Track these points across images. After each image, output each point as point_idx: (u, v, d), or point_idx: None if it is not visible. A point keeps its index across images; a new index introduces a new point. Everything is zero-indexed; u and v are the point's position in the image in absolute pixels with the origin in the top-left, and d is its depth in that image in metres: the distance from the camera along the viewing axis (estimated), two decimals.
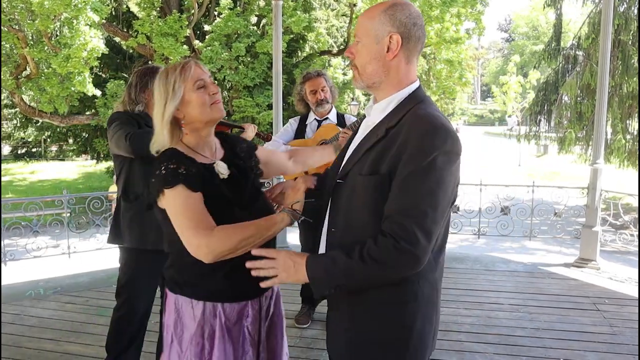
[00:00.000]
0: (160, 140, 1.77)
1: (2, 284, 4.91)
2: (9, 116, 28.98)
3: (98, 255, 5.39)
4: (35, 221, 5.22)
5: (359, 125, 1.69)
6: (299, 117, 3.91)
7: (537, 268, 5.46)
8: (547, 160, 28.65)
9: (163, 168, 1.67)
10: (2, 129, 30.72)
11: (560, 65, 14.62)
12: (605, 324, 4.00)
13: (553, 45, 15.08)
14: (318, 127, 3.76)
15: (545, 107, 15.17)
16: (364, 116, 3.36)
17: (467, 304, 4.43)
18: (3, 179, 24.62)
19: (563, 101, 13.91)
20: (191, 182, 1.66)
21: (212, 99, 1.77)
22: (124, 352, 2.94)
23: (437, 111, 1.51)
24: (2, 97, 16.69)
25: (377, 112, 1.59)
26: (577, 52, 14.22)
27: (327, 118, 3.77)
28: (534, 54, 45.08)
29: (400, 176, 1.42)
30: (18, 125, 28.61)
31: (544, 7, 15.27)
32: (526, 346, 3.64)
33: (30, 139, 29.06)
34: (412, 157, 1.40)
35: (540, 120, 15.62)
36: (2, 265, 4.95)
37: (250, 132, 2.91)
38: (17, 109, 20.28)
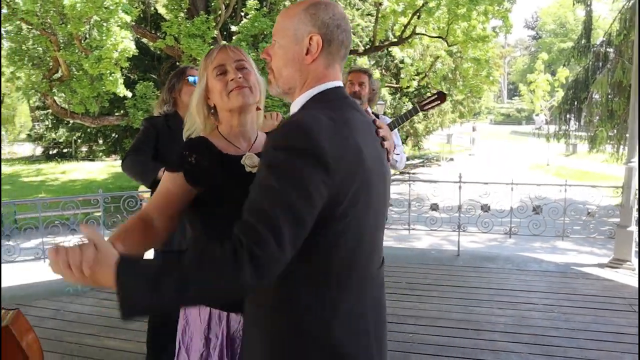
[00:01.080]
0: (196, 126, 1.75)
1: (43, 280, 5.07)
2: (41, 117, 29.67)
3: None
4: (73, 219, 5.33)
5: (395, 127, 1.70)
6: None
7: (570, 268, 5.40)
8: (576, 159, 28.18)
9: (180, 153, 1.63)
10: (34, 131, 31.46)
11: (591, 62, 14.35)
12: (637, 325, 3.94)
13: (583, 42, 14.80)
14: None
15: (575, 105, 14.90)
16: (401, 117, 3.36)
17: (501, 304, 4.40)
18: (36, 179, 25.21)
19: (593, 99, 13.65)
20: (191, 175, 1.59)
21: (232, 85, 1.66)
22: (164, 351, 3.00)
23: (324, 113, 1.27)
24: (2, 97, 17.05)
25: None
26: (607, 49, 13.93)
27: None
28: (562, 51, 44.40)
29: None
30: (49, 126, 29.30)
31: (574, 4, 15.00)
32: (562, 347, 3.61)
33: (61, 140, 29.68)
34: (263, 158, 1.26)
35: (569, 119, 15.35)
36: (42, 262, 5.09)
37: (270, 120, 2.92)
38: (49, 111, 20.78)
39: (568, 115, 15.23)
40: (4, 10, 11.47)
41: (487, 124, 57.96)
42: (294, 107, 1.40)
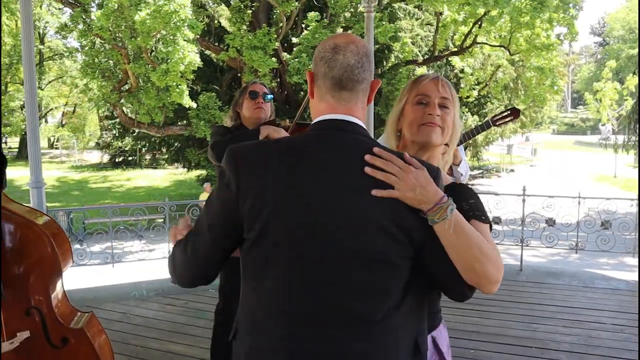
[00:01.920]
0: (388, 143, 1.66)
1: (110, 284, 5.31)
2: (109, 127, 31.03)
3: None
4: (140, 226, 5.56)
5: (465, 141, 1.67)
6: None
7: None
8: None
9: None
10: (102, 139, 32.94)
11: None
12: (637, 345, 3.72)
13: None
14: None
15: None
16: (472, 131, 3.32)
17: (566, 322, 4.26)
18: (103, 185, 26.37)
19: None
20: None
21: (427, 119, 1.58)
22: (227, 357, 3.07)
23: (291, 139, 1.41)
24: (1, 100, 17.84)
25: None
26: None
27: None
28: (631, 58, 42.55)
29: None
30: (116, 135, 30.58)
31: None
32: None
33: (127, 148, 30.92)
34: None
35: (639, 129, 14.72)
36: (111, 267, 5.33)
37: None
38: (116, 120, 21.72)
39: (637, 125, 14.60)
40: (80, 26, 12.12)
41: (550, 134, 56.21)
42: None
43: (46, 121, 37.71)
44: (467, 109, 24.33)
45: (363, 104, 1.39)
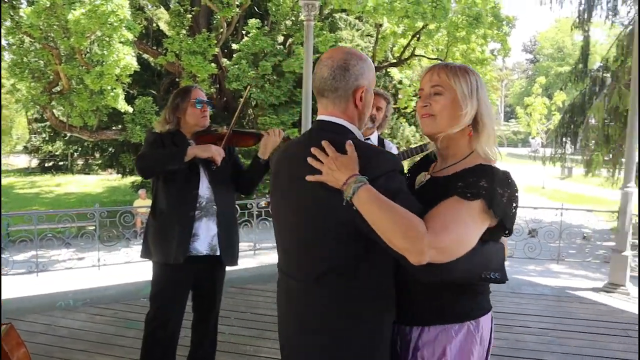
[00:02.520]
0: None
1: (35, 294, 5.04)
2: (38, 130, 29.69)
3: (127, 268, 5.47)
4: (68, 233, 5.32)
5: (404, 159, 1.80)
6: None
7: (565, 292, 5.39)
8: (571, 183, 28.27)
9: None
10: (31, 143, 31.46)
11: (587, 87, 14.51)
12: (637, 350, 3.92)
13: (580, 67, 14.98)
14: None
15: (571, 129, 15.03)
16: (413, 149, 3.35)
17: (495, 327, 4.37)
18: (30, 191, 25.14)
19: (590, 124, 13.77)
20: None
21: (420, 112, 1.67)
22: None
23: None
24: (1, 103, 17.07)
25: None
26: (604, 74, 14.10)
27: (368, 139, 3.79)
28: (559, 75, 44.75)
29: None
30: (46, 139, 29.30)
31: (572, 29, 15.18)
32: None
33: (57, 153, 29.68)
34: None
35: (565, 143, 15.47)
36: (35, 276, 5.06)
37: (274, 137, 2.94)
38: (46, 123, 20.81)
39: (564, 139, 15.35)
40: (7, 23, 11.55)
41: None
42: None
43: None
44: (404, 120, 24.86)
45: (345, 107, 1.64)
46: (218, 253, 2.93)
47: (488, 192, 1.48)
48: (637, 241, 5.74)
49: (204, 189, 2.89)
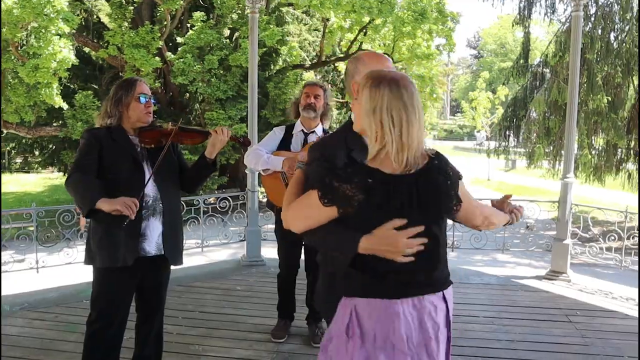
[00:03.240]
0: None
1: None
2: None
3: (68, 269, 5.25)
4: (9, 235, 5.05)
5: None
6: (284, 126, 3.89)
7: (510, 281, 5.53)
8: (515, 174, 29.20)
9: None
10: None
11: (529, 82, 14.97)
12: (577, 334, 4.06)
13: (521, 62, 15.43)
14: (304, 140, 3.74)
15: (514, 123, 15.48)
16: None
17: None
18: None
19: (531, 117, 14.22)
20: None
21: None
22: None
23: None
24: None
25: None
26: (544, 70, 14.58)
27: (313, 131, 3.76)
28: (502, 70, 46.05)
29: None
30: None
31: (513, 25, 15.63)
32: (502, 358, 3.67)
33: None
34: None
35: (509, 136, 15.92)
36: None
37: (222, 136, 2.85)
38: None
39: (507, 132, 15.79)
40: None
41: (431, 140, 59.33)
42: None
43: None
44: (352, 114, 24.99)
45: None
46: (163, 252, 2.84)
47: (320, 183, 1.75)
48: (576, 230, 5.95)
49: (150, 188, 2.78)
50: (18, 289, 4.97)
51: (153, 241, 2.78)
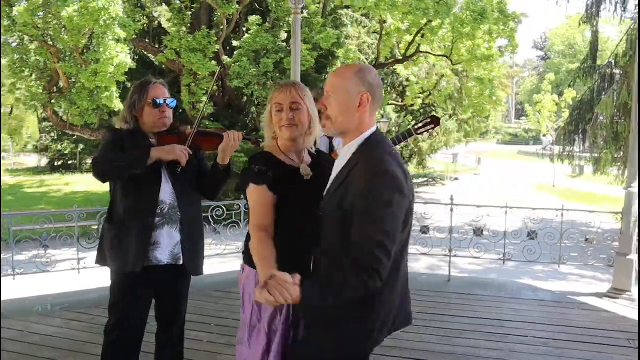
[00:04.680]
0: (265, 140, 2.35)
1: (12, 298, 4.86)
2: (47, 129, 29.74)
3: (107, 271, 5.28)
4: (46, 235, 5.14)
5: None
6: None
7: (567, 298, 5.13)
8: (583, 181, 27.83)
9: (256, 167, 2.18)
10: (41, 142, 31.51)
11: (596, 83, 14.13)
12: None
13: (589, 63, 14.60)
14: (329, 145, 3.58)
15: (580, 127, 14.65)
16: (393, 139, 3.27)
17: (490, 335, 4.15)
18: (39, 190, 25.16)
19: (598, 120, 13.40)
20: (273, 186, 2.16)
21: (284, 123, 2.22)
22: None
23: (388, 153, 1.85)
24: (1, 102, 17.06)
25: (342, 155, 1.96)
26: (613, 70, 13.71)
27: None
28: (570, 72, 44.19)
29: (358, 210, 1.77)
30: (55, 138, 29.34)
31: (580, 24, 14.81)
32: None
33: (66, 152, 29.71)
34: (365, 194, 1.75)
35: (574, 140, 15.09)
36: (12, 279, 4.89)
37: (232, 142, 2.68)
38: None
39: (573, 136, 14.98)
40: (5, 22, 11.44)
41: (495, 144, 57.71)
42: (353, 146, 1.92)
43: None
44: (412, 117, 24.58)
45: None
46: (181, 262, 2.74)
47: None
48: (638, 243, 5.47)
49: (167, 195, 2.69)
50: (59, 289, 5.05)
51: (167, 250, 2.69)
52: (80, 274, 5.09)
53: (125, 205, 2.68)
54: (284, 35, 15.89)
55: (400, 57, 17.49)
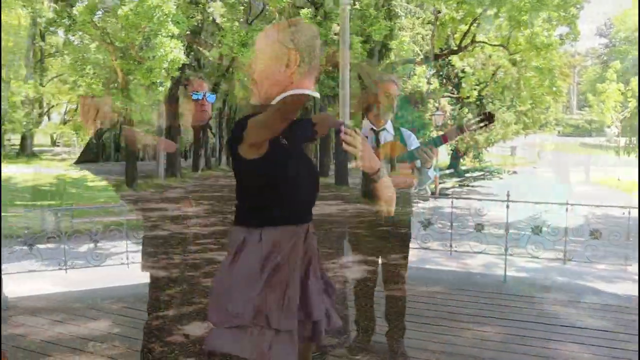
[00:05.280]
0: None
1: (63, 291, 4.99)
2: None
3: None
4: (95, 230, 5.25)
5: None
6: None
7: (634, 302, 4.78)
8: None
9: None
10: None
11: None
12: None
13: None
14: (375, 139, 3.44)
15: None
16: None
17: (547, 342, 3.90)
18: (100, 184, 26.07)
19: None
20: None
21: None
22: None
23: None
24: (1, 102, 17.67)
25: None
26: None
27: (384, 129, 3.44)
28: (637, 59, 42.03)
29: None
30: (118, 132, 30.32)
31: None
32: None
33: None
34: None
35: None
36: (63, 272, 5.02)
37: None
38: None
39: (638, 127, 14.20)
40: (66, 22, 11.85)
41: (555, 136, 55.73)
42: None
43: (49, 118, 37.53)
44: (467, 110, 23.98)
45: None
46: None
47: None
48: None
49: None
50: (109, 283, 5.12)
51: None
52: (129, 268, 5.17)
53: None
54: (336, 28, 15.78)
55: (456, 48, 17.06)
